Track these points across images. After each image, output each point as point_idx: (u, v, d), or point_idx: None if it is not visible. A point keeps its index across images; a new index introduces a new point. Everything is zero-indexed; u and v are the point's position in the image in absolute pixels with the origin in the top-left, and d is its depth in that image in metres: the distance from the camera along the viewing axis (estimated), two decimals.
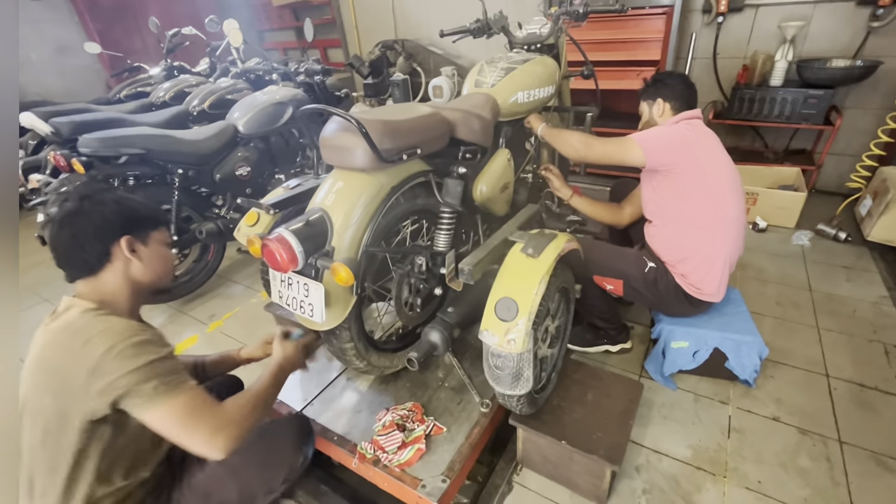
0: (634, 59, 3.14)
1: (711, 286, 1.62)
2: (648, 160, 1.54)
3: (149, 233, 1.07)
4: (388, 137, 1.21)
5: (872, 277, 2.34)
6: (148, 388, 0.88)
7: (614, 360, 1.94)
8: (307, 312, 1.21)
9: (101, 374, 0.87)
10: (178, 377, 0.94)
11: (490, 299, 1.19)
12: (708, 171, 1.55)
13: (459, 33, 2.00)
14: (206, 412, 0.94)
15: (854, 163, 3.00)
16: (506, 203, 1.77)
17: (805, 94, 2.81)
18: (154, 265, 1.08)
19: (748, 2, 3.02)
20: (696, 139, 1.53)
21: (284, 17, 5.68)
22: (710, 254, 1.59)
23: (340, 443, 1.39)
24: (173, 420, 0.91)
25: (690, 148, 1.52)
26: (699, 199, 1.56)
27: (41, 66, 4.44)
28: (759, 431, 1.59)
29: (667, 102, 1.66)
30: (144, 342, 0.92)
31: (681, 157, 1.53)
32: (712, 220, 1.57)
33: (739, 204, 1.61)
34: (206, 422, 0.93)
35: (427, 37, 4.49)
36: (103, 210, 1.00)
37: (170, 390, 0.91)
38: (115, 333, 0.90)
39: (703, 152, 1.55)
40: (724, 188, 1.56)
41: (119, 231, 1.01)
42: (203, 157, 2.42)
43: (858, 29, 2.81)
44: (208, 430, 0.92)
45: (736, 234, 1.61)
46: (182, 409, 0.91)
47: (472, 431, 1.41)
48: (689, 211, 1.58)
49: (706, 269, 1.60)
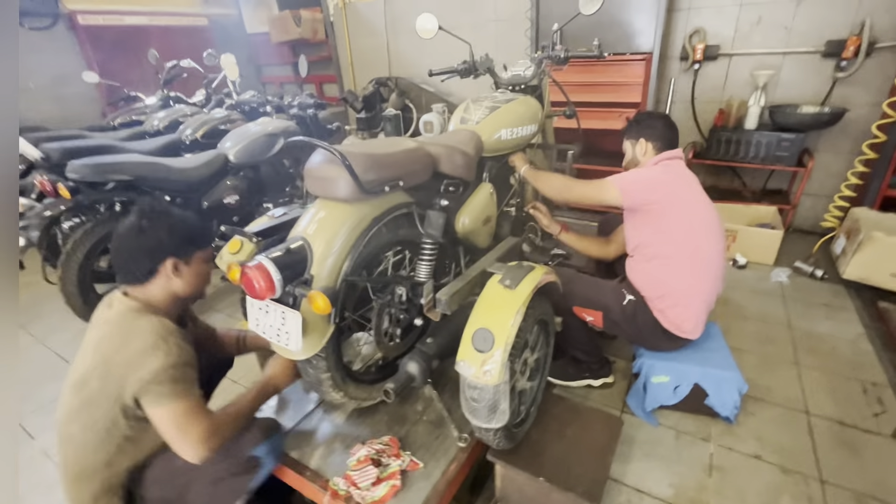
0: (616, 100, 3.28)
1: (688, 323, 1.64)
2: (625, 200, 1.59)
3: (193, 253, 1.23)
4: (370, 169, 1.24)
5: (849, 315, 2.38)
6: (160, 389, 1.05)
7: (596, 395, 1.92)
8: (283, 341, 1.20)
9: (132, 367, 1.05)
10: (186, 385, 1.09)
11: (467, 330, 1.19)
12: (685, 211, 1.59)
13: (447, 73, 2.09)
14: (200, 420, 1.09)
15: (827, 203, 3.12)
16: (488, 236, 1.80)
17: (778, 137, 2.94)
18: (193, 282, 1.24)
19: (722, 51, 3.21)
20: (672, 180, 1.59)
21: (283, 52, 5.89)
22: (687, 292, 1.62)
23: (312, 478, 1.35)
24: (171, 421, 1.06)
25: (666, 188, 1.58)
26: (677, 237, 1.60)
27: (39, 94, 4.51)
28: (740, 470, 1.58)
29: (649, 142, 1.71)
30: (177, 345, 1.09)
31: (657, 196, 1.58)
32: (690, 258, 1.60)
33: (718, 243, 1.64)
34: (197, 429, 1.07)
35: (419, 75, 4.67)
36: (158, 232, 1.16)
37: (176, 395, 1.06)
38: (153, 332, 1.08)
39: (681, 192, 1.60)
40: (701, 227, 1.60)
41: (167, 253, 1.16)
42: (191, 185, 2.45)
43: (825, 78, 2.98)
44: (197, 436, 1.07)
45: (714, 273, 1.64)
46: (180, 414, 1.06)
47: (449, 467, 1.37)
48: (668, 248, 1.61)
49: (683, 307, 1.62)
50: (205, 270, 1.27)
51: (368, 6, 4.83)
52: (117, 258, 1.18)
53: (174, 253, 1.17)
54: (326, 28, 5.25)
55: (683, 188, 1.61)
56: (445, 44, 2.09)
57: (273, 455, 1.31)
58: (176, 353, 1.08)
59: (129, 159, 2.28)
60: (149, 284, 1.18)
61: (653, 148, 1.71)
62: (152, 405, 1.06)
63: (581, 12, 1.84)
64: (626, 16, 3.15)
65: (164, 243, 1.16)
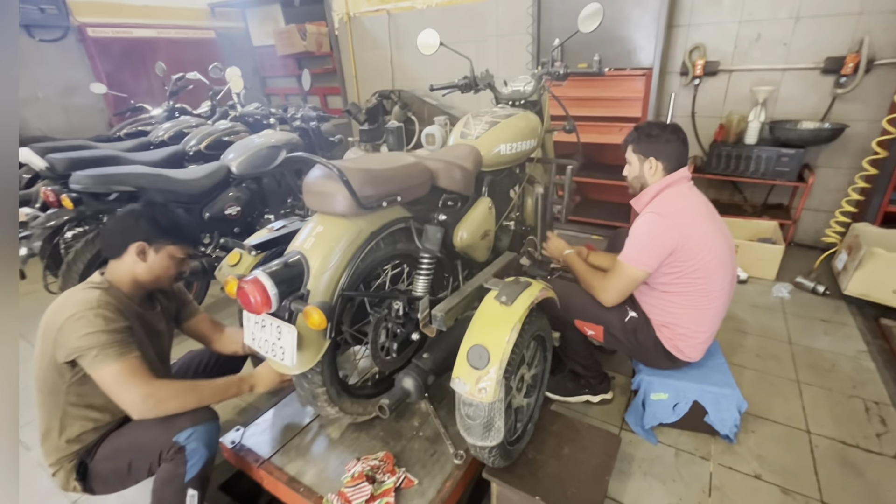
0: (616, 115, 3.31)
1: (692, 350, 1.63)
2: (652, 270, 1.54)
3: (164, 245, 1.35)
4: (368, 185, 1.25)
5: (850, 332, 2.36)
6: (92, 353, 1.16)
7: (595, 411, 1.91)
8: (278, 356, 1.20)
9: (63, 332, 1.16)
10: (121, 348, 1.19)
11: (462, 346, 1.19)
12: (697, 252, 1.50)
13: (448, 88, 2.11)
14: (137, 380, 1.19)
15: (829, 218, 3.11)
16: (486, 250, 1.81)
17: (778, 152, 2.95)
18: (155, 271, 1.35)
19: (722, 67, 3.23)
20: (679, 223, 1.48)
21: (288, 65, 5.97)
22: (693, 326, 1.60)
23: (306, 494, 1.34)
24: (109, 381, 1.18)
25: (675, 240, 1.49)
26: (690, 279, 1.54)
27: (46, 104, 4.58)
28: (740, 490, 1.55)
29: (660, 162, 1.59)
30: (102, 315, 1.19)
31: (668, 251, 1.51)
32: (701, 297, 1.56)
33: (729, 273, 1.58)
34: (134, 388, 1.18)
35: (422, 88, 4.72)
36: (140, 215, 1.31)
37: (109, 358, 1.17)
38: (85, 303, 1.19)
39: (692, 232, 1.49)
40: (713, 263, 1.52)
41: (139, 236, 1.30)
42: (193, 196, 2.47)
43: (825, 94, 3.00)
44: (134, 394, 1.18)
45: (724, 303, 1.60)
46: (117, 375, 1.17)
47: (444, 485, 1.36)
48: (679, 287, 1.57)
49: (689, 338, 1.61)
50: (169, 265, 1.38)
51: (373, 20, 4.91)
52: (103, 232, 1.36)
53: (145, 238, 1.31)
54: (331, 41, 5.33)
55: (693, 225, 1.49)
56: (447, 58, 2.12)
57: (202, 444, 1.26)
58: (100, 323, 1.18)
59: (132, 170, 2.30)
60: (117, 262, 1.32)
61: (662, 169, 1.59)
62: (91, 368, 1.17)
63: (580, 30, 1.86)
64: (627, 32, 3.19)
65: (139, 226, 1.31)
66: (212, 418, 1.33)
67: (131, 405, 1.19)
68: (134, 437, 1.29)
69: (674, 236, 1.48)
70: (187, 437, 1.24)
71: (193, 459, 1.25)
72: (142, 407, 1.19)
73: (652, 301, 1.66)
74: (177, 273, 1.44)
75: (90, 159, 2.49)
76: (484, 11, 4.10)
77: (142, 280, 1.34)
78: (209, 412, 1.33)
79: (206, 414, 1.31)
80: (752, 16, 3.05)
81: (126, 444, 1.29)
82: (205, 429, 1.28)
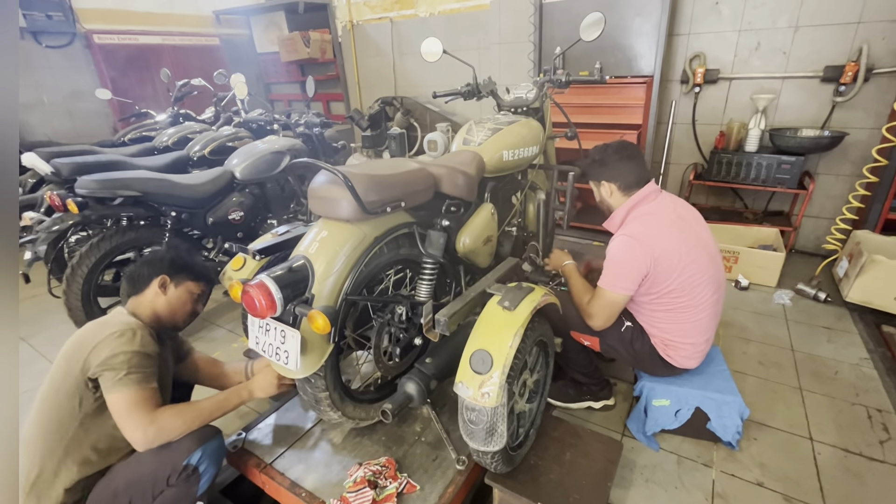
0: (618, 122, 3.33)
1: (687, 360, 1.64)
2: (632, 293, 1.55)
3: (184, 280, 1.43)
4: (372, 190, 1.26)
5: (853, 339, 2.36)
6: (115, 374, 1.17)
7: (597, 417, 1.90)
8: (282, 359, 1.21)
9: (100, 346, 1.18)
10: (144, 375, 1.21)
11: (465, 351, 1.20)
12: (679, 267, 1.50)
13: (451, 95, 2.13)
14: (145, 410, 1.19)
15: (829, 225, 3.12)
16: (489, 255, 1.81)
17: (779, 159, 2.96)
18: (173, 304, 1.41)
19: (722, 75, 3.26)
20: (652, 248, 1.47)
21: (292, 71, 6.02)
22: (684, 339, 1.61)
23: (308, 499, 1.34)
24: (121, 406, 1.18)
25: (650, 260, 1.49)
26: (668, 298, 1.55)
27: (52, 109, 4.62)
28: (743, 498, 1.55)
29: (612, 183, 1.63)
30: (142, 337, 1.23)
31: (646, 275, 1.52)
32: (686, 312, 1.57)
33: (714, 282, 1.57)
34: (140, 417, 1.18)
35: (424, 94, 4.76)
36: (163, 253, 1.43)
37: (131, 382, 1.18)
38: (128, 324, 1.24)
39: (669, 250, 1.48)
40: (698, 274, 1.53)
41: (163, 269, 1.39)
42: (198, 201, 2.48)
43: (824, 102, 3.01)
44: (137, 423, 1.18)
45: (711, 314, 1.61)
46: (130, 401, 1.18)
47: (446, 491, 1.36)
48: (661, 306, 1.59)
49: (680, 348, 1.62)
50: (187, 300, 1.44)
51: (376, 28, 4.96)
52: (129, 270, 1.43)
53: (168, 272, 1.39)
54: (334, 48, 5.38)
55: (662, 247, 1.48)
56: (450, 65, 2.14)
57: (212, 461, 1.29)
58: (139, 342, 1.22)
59: (137, 175, 2.32)
60: (140, 296, 1.38)
61: (618, 189, 1.62)
62: (108, 390, 1.18)
63: (582, 38, 1.88)
64: (628, 40, 3.22)
65: (163, 261, 1.40)
66: (215, 434, 1.34)
67: (134, 434, 1.19)
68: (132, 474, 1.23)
69: (645, 260, 1.48)
70: (199, 459, 1.26)
71: (205, 477, 1.28)
72: (142, 436, 1.19)
73: (640, 317, 1.68)
74: (192, 309, 1.49)
75: (95, 164, 2.51)
76: (486, 20, 4.14)
77: (161, 313, 1.39)
78: (212, 429, 1.34)
79: (209, 431, 1.32)
80: (752, 25, 3.08)
81: (125, 485, 1.22)
82: (211, 446, 1.30)
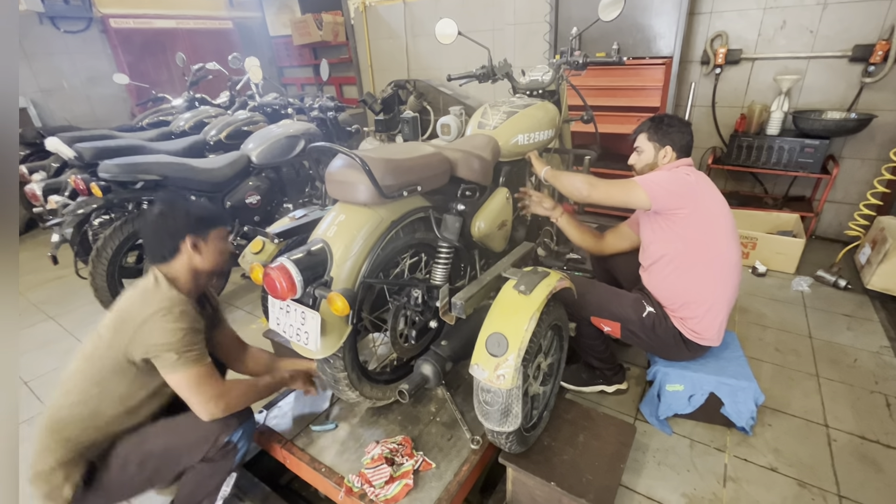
0: (635, 105, 3.26)
1: (711, 331, 1.62)
2: (654, 204, 1.55)
3: (208, 231, 1.36)
4: (389, 174, 1.27)
5: (873, 326, 2.32)
6: (173, 356, 1.19)
7: (610, 401, 1.92)
8: (303, 340, 1.24)
9: (145, 327, 1.18)
10: (197, 352, 1.23)
11: (481, 334, 1.21)
12: (710, 217, 1.56)
13: (466, 78, 2.11)
14: (211, 384, 1.25)
15: (852, 211, 3.04)
16: (503, 240, 1.82)
17: (802, 143, 2.88)
18: (212, 257, 1.36)
19: (745, 55, 3.16)
20: (697, 184, 1.57)
21: (304, 55, 5.99)
22: (711, 297, 1.60)
23: (328, 474, 1.38)
24: (185, 384, 1.22)
25: (694, 193, 1.54)
26: (702, 242, 1.57)
27: (71, 94, 4.70)
28: (755, 482, 1.56)
29: (674, 151, 1.68)
30: (187, 313, 1.23)
31: (685, 202, 1.54)
32: (714, 264, 1.58)
33: (737, 249, 1.63)
34: (208, 391, 1.24)
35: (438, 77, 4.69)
36: (176, 215, 1.32)
37: (188, 362, 1.21)
38: (170, 300, 1.22)
39: (705, 198, 1.57)
40: (724, 233, 1.58)
41: (186, 232, 1.31)
42: (216, 185, 2.52)
43: (852, 83, 2.91)
44: (208, 397, 1.24)
45: (735, 279, 1.62)
46: (193, 378, 1.22)
47: (461, 468, 1.39)
48: (692, 255, 1.59)
49: (706, 313, 1.60)
50: (222, 247, 1.40)
51: (389, 10, 4.89)
52: (147, 242, 1.34)
53: (192, 231, 1.32)
54: (347, 31, 5.33)
55: (706, 193, 1.58)
56: (464, 47, 2.11)
57: (247, 439, 1.38)
58: (185, 321, 1.21)
59: (158, 160, 2.36)
60: (173, 262, 1.32)
61: (674, 157, 1.69)
62: (167, 371, 1.21)
63: (601, 18, 1.84)
64: (647, 20, 3.13)
65: (181, 224, 1.31)
66: (251, 413, 1.42)
67: (203, 407, 1.24)
68: (171, 441, 1.27)
69: (692, 187, 1.55)
70: (239, 436, 1.34)
71: (240, 453, 1.36)
72: (214, 409, 1.24)
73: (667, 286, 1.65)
74: (228, 250, 1.45)
75: (115, 149, 2.56)
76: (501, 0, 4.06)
77: (203, 269, 1.34)
78: (248, 409, 1.41)
79: (247, 410, 1.39)
80: (778, 2, 2.96)
81: (160, 450, 1.26)
82: (249, 425, 1.38)
